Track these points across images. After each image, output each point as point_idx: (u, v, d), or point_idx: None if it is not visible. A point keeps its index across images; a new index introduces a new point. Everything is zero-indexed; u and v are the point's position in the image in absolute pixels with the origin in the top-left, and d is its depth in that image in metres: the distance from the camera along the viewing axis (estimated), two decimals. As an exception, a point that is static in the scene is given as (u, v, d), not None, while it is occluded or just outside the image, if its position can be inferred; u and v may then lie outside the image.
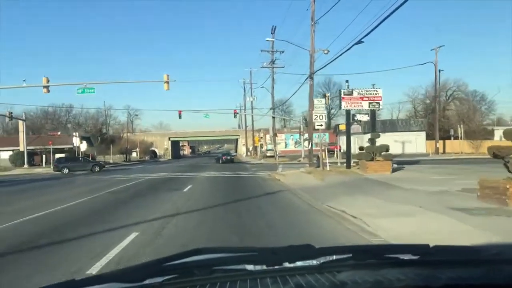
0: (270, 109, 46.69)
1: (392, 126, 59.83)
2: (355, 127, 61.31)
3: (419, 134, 60.03)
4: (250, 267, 1.42)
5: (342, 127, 29.93)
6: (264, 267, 1.42)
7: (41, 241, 7.54)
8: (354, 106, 24.16)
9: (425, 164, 28.39)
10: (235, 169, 34.88)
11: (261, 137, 64.89)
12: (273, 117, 46.99)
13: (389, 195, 13.26)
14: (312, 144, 26.53)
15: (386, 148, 21.60)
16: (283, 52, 46.39)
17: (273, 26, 40.60)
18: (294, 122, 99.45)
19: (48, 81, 27.12)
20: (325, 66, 23.26)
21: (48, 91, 27.20)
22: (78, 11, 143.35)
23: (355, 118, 24.16)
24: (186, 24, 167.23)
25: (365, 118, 24.09)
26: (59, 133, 58.11)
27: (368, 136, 23.56)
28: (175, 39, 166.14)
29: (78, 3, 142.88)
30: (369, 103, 24.03)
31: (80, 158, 42.68)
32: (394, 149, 57.12)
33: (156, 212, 10.79)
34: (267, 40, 33.78)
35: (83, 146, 48.63)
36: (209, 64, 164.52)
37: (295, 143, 73.76)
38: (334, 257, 1.52)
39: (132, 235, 7.87)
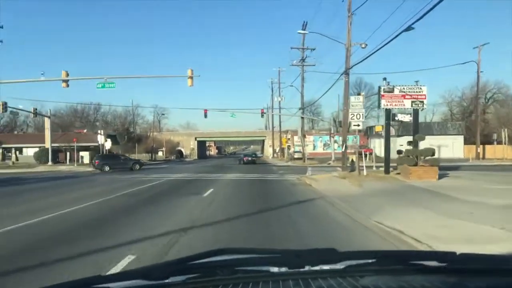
0: (299, 109, 44.37)
1: (427, 129, 56.41)
2: (382, 131, 58.47)
3: (456, 138, 56.44)
4: (272, 268, 1.40)
5: (378, 129, 27.40)
6: (287, 269, 1.38)
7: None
8: (395, 104, 21.67)
9: (468, 171, 25.60)
10: (261, 171, 32.79)
11: (289, 139, 62.55)
12: (302, 118, 44.67)
13: (448, 208, 10.87)
14: (346, 147, 24.12)
15: (432, 152, 19.06)
16: (314, 49, 44.12)
17: (304, 22, 38.35)
18: (323, 124, 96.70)
19: (67, 75, 25.76)
20: (365, 59, 20.89)
21: (67, 85, 25.84)
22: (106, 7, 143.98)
23: (396, 118, 21.63)
24: (214, 20, 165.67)
25: (407, 118, 21.56)
26: (85, 130, 57.43)
27: (403, 139, 21.23)
28: (202, 36, 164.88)
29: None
30: (412, 101, 21.50)
31: (121, 156, 42.40)
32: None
33: (166, 225, 8.79)
34: (299, 33, 31.53)
35: (108, 144, 47.57)
36: (237, 63, 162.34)
37: (324, 145, 71.19)
38: (358, 261, 1.44)
39: (126, 260, 5.92)
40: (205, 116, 43.23)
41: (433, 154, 19.10)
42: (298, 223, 9.24)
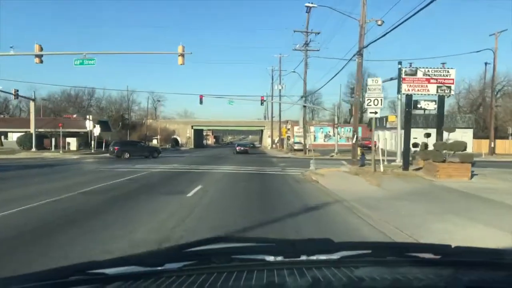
0: (301, 97, 41.07)
1: (436, 121, 53.03)
2: (394, 121, 55.17)
3: (466, 132, 53.23)
4: (268, 257, 1.40)
5: (392, 119, 24.16)
6: (282, 258, 1.39)
7: None
8: (418, 90, 18.44)
9: (490, 168, 22.52)
10: (260, 163, 29.60)
11: (288, 129, 59.23)
12: (304, 106, 41.42)
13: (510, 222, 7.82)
14: (357, 138, 20.95)
15: (464, 146, 15.87)
16: (318, 33, 40.79)
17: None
18: (323, 115, 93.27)
19: (41, 49, 22.31)
20: (382, 36, 17.55)
21: (41, 61, 22.42)
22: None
23: (418, 106, 18.38)
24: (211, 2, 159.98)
25: (432, 105, 18.30)
26: (74, 115, 54.00)
27: (412, 131, 18.03)
28: (197, 16, 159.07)
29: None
30: (438, 86, 18.29)
31: (140, 143, 41.39)
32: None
33: (121, 247, 5.55)
34: (306, 6, 27.93)
35: (97, 131, 44.28)
36: (235, 47, 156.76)
37: (325, 136, 67.97)
38: (354, 252, 1.44)
39: None
40: (201, 102, 39.90)
41: (465, 149, 15.90)
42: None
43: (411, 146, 35.30)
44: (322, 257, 1.42)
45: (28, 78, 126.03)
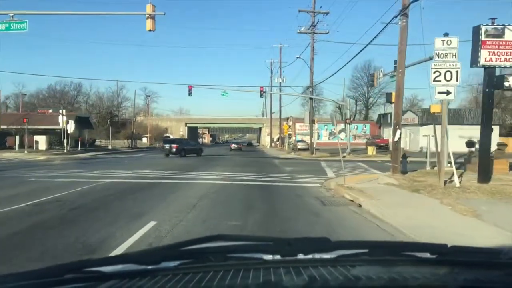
0: (308, 87, 34.30)
1: (457, 117, 46.30)
2: (409, 118, 48.42)
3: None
4: (264, 256, 1.38)
5: (436, 109, 17.42)
6: (279, 257, 1.37)
7: None
8: (506, 59, 11.64)
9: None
10: (260, 166, 23.04)
11: (289, 126, 52.47)
12: (311, 99, 34.67)
13: None
14: (400, 136, 14.33)
15: None
16: (327, 13, 34.15)
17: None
18: (325, 112, 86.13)
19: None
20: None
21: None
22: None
23: (506, 84, 11.67)
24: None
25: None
26: (50, 111, 47.05)
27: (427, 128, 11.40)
28: None
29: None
30: (537, 54, 11.42)
31: (190, 142, 40.74)
32: (459, 147, 44.85)
33: None
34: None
35: (70, 128, 37.46)
36: (231, 36, 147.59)
37: (330, 134, 61.13)
38: (350, 251, 1.43)
39: None
40: (190, 93, 33.34)
41: None
42: None
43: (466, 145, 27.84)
44: (319, 256, 1.38)
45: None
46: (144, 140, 67.28)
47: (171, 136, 79.23)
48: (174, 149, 33.46)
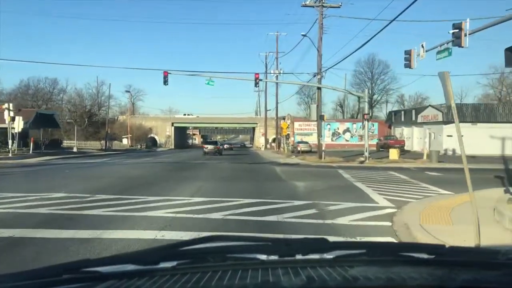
0: (315, 74, 26.21)
1: (489, 114, 38.01)
2: (430, 115, 40.52)
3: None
4: (262, 257, 1.38)
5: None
6: (277, 257, 1.37)
7: None
8: None
9: None
10: (258, 181, 15.53)
11: (288, 125, 44.28)
12: (319, 89, 26.61)
13: None
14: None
15: None
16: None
17: None
18: (324, 112, 77.97)
19: None
20: None
21: None
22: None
23: None
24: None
25: None
26: (4, 106, 38.40)
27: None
28: None
29: None
30: None
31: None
32: (489, 149, 33.94)
33: None
34: None
35: (18, 125, 29.17)
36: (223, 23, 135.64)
37: (333, 134, 53.18)
38: (348, 252, 1.44)
39: None
40: (165, 81, 25.21)
41: None
42: None
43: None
44: (317, 256, 1.39)
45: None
46: (125, 141, 58.72)
47: (156, 137, 70.87)
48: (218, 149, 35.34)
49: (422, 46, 19.97)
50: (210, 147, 37.94)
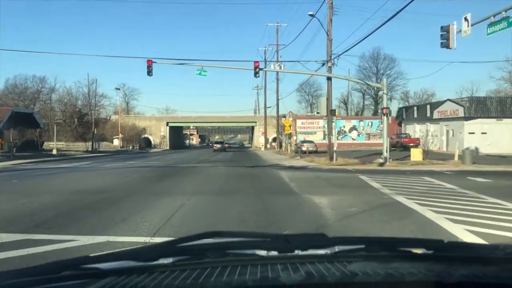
0: (324, 63, 22.02)
1: (514, 108, 33.76)
2: (448, 110, 36.23)
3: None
4: (261, 252, 1.38)
5: None
6: (276, 253, 1.37)
7: None
8: None
9: None
10: (261, 197, 10.45)
11: (291, 123, 40.26)
12: (329, 79, 22.35)
13: None
14: None
15: None
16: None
17: None
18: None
19: None
20: None
21: None
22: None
23: None
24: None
25: None
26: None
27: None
28: None
29: None
30: None
31: None
32: None
33: None
34: None
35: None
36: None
37: (338, 133, 48.76)
38: (347, 247, 1.44)
39: None
40: (149, 72, 20.83)
41: None
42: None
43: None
44: (316, 252, 1.39)
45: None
46: (115, 142, 54.39)
47: (150, 138, 66.51)
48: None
49: (466, 19, 15.68)
50: (218, 145, 53.22)
